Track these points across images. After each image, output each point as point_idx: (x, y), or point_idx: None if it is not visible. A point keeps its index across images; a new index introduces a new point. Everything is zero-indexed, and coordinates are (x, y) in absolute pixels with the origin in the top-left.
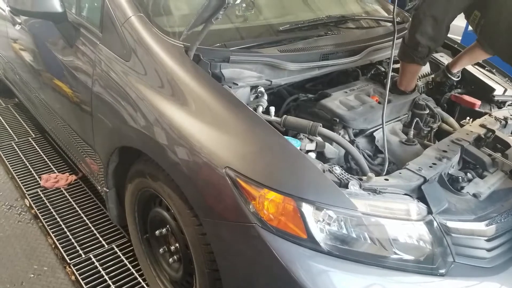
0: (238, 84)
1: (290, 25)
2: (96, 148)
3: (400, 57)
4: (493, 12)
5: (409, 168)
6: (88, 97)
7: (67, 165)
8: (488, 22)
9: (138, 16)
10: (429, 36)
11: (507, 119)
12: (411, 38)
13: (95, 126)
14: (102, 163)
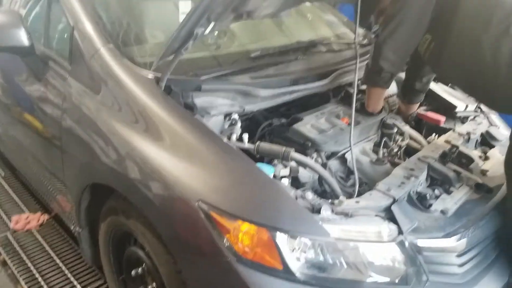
0: (210, 113)
1: (261, 52)
2: (67, 184)
3: (364, 82)
4: (443, 35)
5: (378, 189)
6: (57, 132)
7: (39, 204)
8: (437, 45)
9: (107, 48)
10: (391, 62)
11: (470, 134)
12: (374, 63)
13: (66, 162)
14: (74, 201)
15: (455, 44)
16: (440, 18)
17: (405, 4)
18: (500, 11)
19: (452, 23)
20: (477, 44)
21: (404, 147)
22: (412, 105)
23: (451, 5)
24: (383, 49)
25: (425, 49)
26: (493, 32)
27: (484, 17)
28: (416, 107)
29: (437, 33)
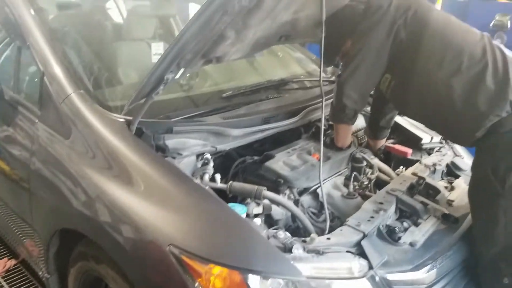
0: (182, 154)
1: (232, 91)
2: (36, 229)
3: (330, 119)
4: (401, 74)
5: (349, 224)
6: (26, 174)
7: (6, 248)
8: (397, 83)
9: (78, 93)
10: (353, 100)
11: (436, 165)
12: (337, 101)
13: (34, 206)
14: (42, 245)
15: (413, 83)
16: (397, 58)
17: (363, 47)
18: (451, 51)
19: (408, 63)
20: (432, 82)
21: (374, 179)
22: (379, 141)
23: (407, 47)
24: (345, 88)
25: (386, 87)
26: (445, 70)
27: (437, 57)
28: (383, 141)
29: (396, 72)
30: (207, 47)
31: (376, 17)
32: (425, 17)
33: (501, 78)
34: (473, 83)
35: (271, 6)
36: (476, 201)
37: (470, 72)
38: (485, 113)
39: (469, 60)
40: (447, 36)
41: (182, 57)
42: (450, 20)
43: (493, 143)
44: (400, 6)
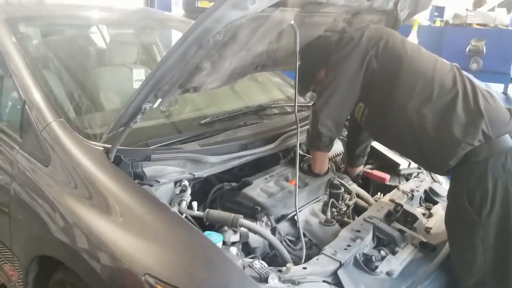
0: (160, 181)
1: (211, 118)
2: (15, 253)
3: (307, 146)
4: (373, 100)
5: (325, 254)
6: (6, 200)
7: None
8: (370, 112)
9: (58, 122)
10: (328, 128)
11: (414, 191)
12: (313, 129)
13: (14, 231)
14: (21, 270)
15: (386, 111)
16: (370, 88)
17: (337, 77)
18: (421, 81)
19: (381, 92)
20: (404, 111)
21: (352, 206)
22: (356, 168)
23: (379, 76)
24: (320, 116)
25: (360, 115)
26: (417, 99)
27: (409, 87)
28: (360, 168)
29: (369, 101)
30: (183, 78)
31: (348, 48)
32: (396, 48)
33: (472, 107)
34: (444, 112)
35: (245, 39)
36: (453, 229)
37: (441, 101)
38: (457, 141)
39: (439, 90)
40: (418, 66)
41: (159, 88)
42: (420, 51)
43: (467, 172)
44: (372, 38)
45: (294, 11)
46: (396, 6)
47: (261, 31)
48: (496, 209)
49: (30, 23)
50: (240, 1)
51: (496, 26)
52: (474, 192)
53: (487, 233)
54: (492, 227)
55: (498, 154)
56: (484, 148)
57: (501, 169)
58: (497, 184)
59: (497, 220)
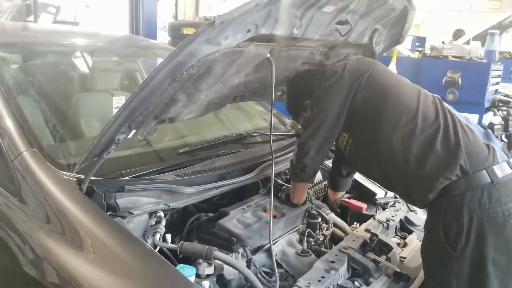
0: (134, 213)
1: (189, 147)
2: None
3: (290, 177)
4: (357, 131)
5: (299, 286)
6: None
7: None
8: (354, 142)
9: (31, 151)
10: (313, 160)
11: (389, 221)
12: (298, 161)
13: None
14: None
15: (370, 142)
16: (354, 119)
17: (321, 110)
18: (406, 113)
19: (364, 123)
20: (388, 143)
21: (329, 235)
22: (339, 193)
23: (363, 108)
24: (305, 149)
25: (344, 145)
26: (400, 132)
27: (393, 119)
28: (343, 193)
29: (352, 132)
30: (158, 109)
31: (331, 82)
32: (380, 80)
33: (452, 142)
34: (426, 145)
35: (220, 73)
36: (429, 261)
37: (423, 135)
38: (435, 175)
39: (423, 123)
40: (402, 99)
41: (133, 119)
42: (403, 82)
43: (444, 205)
44: (355, 70)
45: (269, 46)
46: (371, 41)
47: (237, 65)
48: (471, 244)
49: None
50: (213, 37)
51: (471, 59)
52: (450, 225)
53: (461, 267)
54: (466, 261)
55: (474, 189)
56: (461, 182)
57: (477, 204)
58: (473, 219)
59: (472, 254)
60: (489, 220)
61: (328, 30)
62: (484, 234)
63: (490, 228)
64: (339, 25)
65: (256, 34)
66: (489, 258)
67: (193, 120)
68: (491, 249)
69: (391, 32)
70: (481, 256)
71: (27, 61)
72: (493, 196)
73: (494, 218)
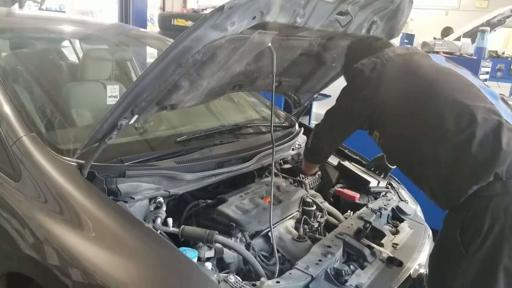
0: (135, 198)
1: (187, 136)
2: None
3: (304, 156)
4: (388, 132)
5: (298, 268)
6: None
7: None
8: (385, 141)
9: (30, 136)
10: (326, 148)
11: (382, 209)
12: (312, 147)
13: None
14: None
15: (400, 147)
16: (383, 120)
17: (344, 107)
18: (437, 119)
19: (393, 127)
20: (417, 146)
21: (323, 223)
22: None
23: (394, 113)
24: (320, 138)
25: (377, 142)
26: (430, 136)
27: (423, 127)
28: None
29: (383, 132)
30: (161, 95)
31: (356, 83)
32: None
33: (488, 149)
34: (458, 152)
35: (224, 60)
36: (438, 254)
37: (455, 140)
38: (467, 184)
39: (455, 127)
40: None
41: (136, 104)
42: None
43: (468, 205)
44: (384, 74)
45: (272, 34)
46: (369, 33)
47: (240, 52)
48: (485, 249)
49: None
50: (220, 22)
51: (461, 55)
52: (469, 226)
53: (470, 268)
54: (476, 263)
55: (503, 195)
56: (491, 186)
57: (503, 211)
58: (494, 225)
59: (484, 258)
60: (511, 229)
61: (329, 20)
62: (502, 241)
63: (510, 237)
64: (340, 15)
65: (261, 21)
66: (501, 265)
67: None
68: (506, 257)
69: (387, 25)
70: (493, 261)
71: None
72: None
73: None
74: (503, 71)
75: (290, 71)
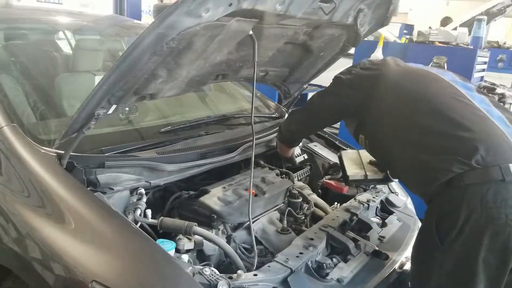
0: (114, 188)
1: (172, 126)
2: None
3: (277, 137)
4: (372, 133)
5: (277, 260)
6: None
7: None
8: (370, 142)
9: (10, 127)
10: (295, 134)
11: (370, 201)
12: (284, 128)
13: None
14: None
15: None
16: (367, 121)
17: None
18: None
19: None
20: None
21: (309, 215)
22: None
23: (374, 113)
24: (292, 123)
25: (364, 146)
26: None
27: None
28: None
29: (367, 134)
30: (138, 84)
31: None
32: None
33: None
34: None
35: (202, 48)
36: (415, 246)
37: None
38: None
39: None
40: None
41: (113, 94)
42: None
43: (444, 195)
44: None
45: (252, 22)
46: (356, 21)
47: (218, 40)
48: (462, 239)
49: None
50: (193, 8)
51: (458, 45)
52: (444, 217)
53: (446, 260)
54: (453, 255)
55: (480, 184)
56: (468, 175)
57: (478, 201)
58: (471, 216)
59: (460, 250)
60: (488, 220)
61: (311, 8)
62: (479, 233)
63: (488, 228)
64: (323, 3)
65: (238, 8)
66: (479, 257)
67: (177, 100)
68: (484, 249)
69: (376, 13)
70: (471, 253)
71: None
72: (499, 195)
73: (495, 219)
74: (505, 61)
75: (276, 61)
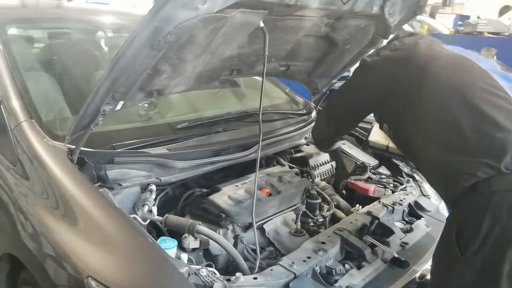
0: (122, 184)
1: (188, 123)
2: None
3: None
4: (395, 123)
5: (281, 264)
6: None
7: None
8: (394, 133)
9: (29, 122)
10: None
11: (395, 205)
12: (316, 129)
13: None
14: None
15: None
16: (391, 110)
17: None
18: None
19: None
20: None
21: (328, 217)
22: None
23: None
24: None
25: (389, 135)
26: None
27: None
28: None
29: (391, 124)
30: (141, 80)
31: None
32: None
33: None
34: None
35: (205, 42)
36: (435, 255)
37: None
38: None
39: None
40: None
41: (116, 90)
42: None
43: (467, 202)
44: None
45: (260, 14)
46: (383, 11)
47: (223, 34)
48: (485, 251)
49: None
50: (188, 1)
51: (511, 35)
52: (466, 226)
53: (468, 272)
54: (475, 267)
55: (508, 191)
56: (494, 179)
57: (506, 210)
58: (495, 226)
59: (483, 262)
60: None
61: None
62: (504, 245)
63: None
64: None
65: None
66: (504, 271)
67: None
68: (509, 263)
69: (407, 2)
70: (495, 268)
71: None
72: None
73: None
74: None
75: (298, 54)
